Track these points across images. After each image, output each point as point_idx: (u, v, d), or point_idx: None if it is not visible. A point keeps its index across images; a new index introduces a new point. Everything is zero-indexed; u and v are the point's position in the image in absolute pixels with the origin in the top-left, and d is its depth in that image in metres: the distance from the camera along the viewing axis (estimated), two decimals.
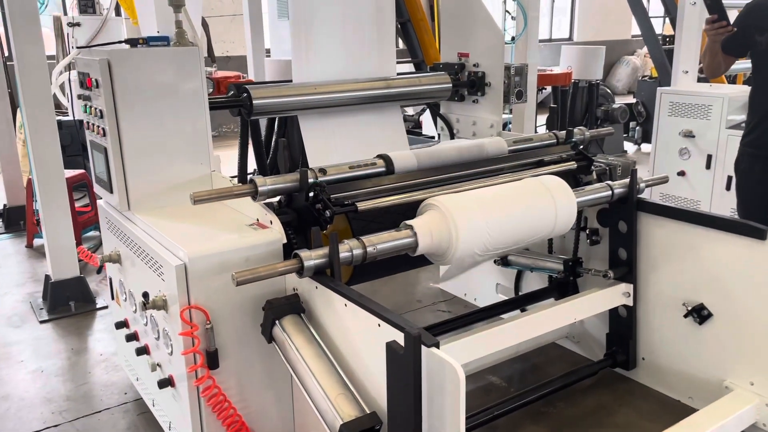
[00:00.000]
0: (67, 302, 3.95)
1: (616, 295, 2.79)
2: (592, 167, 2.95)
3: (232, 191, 2.30)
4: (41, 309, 3.97)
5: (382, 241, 2.14)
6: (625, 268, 2.79)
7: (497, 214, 2.35)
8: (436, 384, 1.64)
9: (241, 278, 1.92)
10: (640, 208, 2.74)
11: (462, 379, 1.56)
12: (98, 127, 2.55)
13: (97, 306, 3.99)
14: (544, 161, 2.89)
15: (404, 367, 1.62)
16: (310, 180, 2.36)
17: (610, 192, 2.68)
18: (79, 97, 2.69)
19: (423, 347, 1.61)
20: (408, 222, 2.27)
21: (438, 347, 1.63)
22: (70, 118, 6.32)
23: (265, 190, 2.27)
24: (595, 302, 2.76)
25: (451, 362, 1.57)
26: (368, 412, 1.82)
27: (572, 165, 2.92)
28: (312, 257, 2.03)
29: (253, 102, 2.89)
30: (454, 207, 2.27)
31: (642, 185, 2.74)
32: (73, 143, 6.10)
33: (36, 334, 3.70)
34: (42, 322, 3.83)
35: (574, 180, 2.98)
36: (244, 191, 2.27)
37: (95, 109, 2.55)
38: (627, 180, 2.72)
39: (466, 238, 2.24)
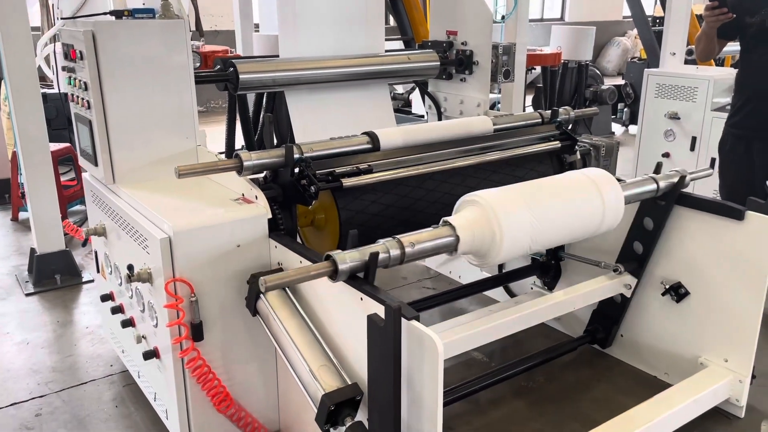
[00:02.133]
0: (53, 275, 3.94)
1: (616, 286, 2.77)
2: (576, 147, 2.98)
3: (218, 165, 2.32)
4: (27, 282, 3.97)
5: (420, 241, 1.98)
6: (635, 263, 2.72)
7: (542, 211, 2.16)
8: (415, 356, 1.68)
9: (271, 284, 1.74)
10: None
11: (441, 351, 1.60)
12: (83, 99, 2.54)
13: (83, 280, 4.00)
14: (528, 140, 2.92)
15: (384, 339, 1.65)
16: (296, 156, 2.37)
17: (655, 186, 2.53)
18: (64, 69, 2.67)
19: (403, 320, 1.64)
20: (447, 219, 2.09)
21: (418, 320, 1.67)
22: (56, 91, 6.26)
23: (251, 165, 2.28)
24: (595, 292, 2.72)
25: (430, 334, 1.61)
26: (350, 383, 1.86)
27: (556, 144, 2.95)
28: (347, 260, 1.82)
29: (240, 77, 2.89)
30: (497, 203, 2.09)
31: (688, 178, 2.57)
32: (59, 116, 6.03)
33: (21, 306, 3.71)
34: (27, 294, 3.84)
35: (559, 159, 3.02)
36: (229, 166, 2.28)
37: (79, 81, 2.53)
38: (673, 174, 2.57)
39: (511, 237, 2.07)
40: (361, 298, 1.81)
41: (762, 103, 3.42)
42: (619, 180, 2.48)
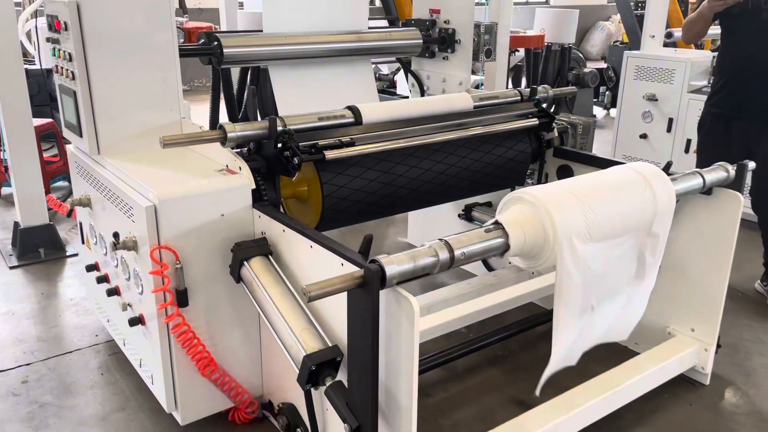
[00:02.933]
0: (37, 249, 3.96)
1: None
2: (554, 124, 3.05)
3: (202, 136, 2.36)
4: (10, 255, 3.99)
5: (469, 243, 1.89)
6: None
7: (595, 209, 2.04)
8: (393, 317, 1.75)
9: (315, 293, 1.66)
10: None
11: (416, 312, 1.68)
12: (67, 70, 2.56)
13: (67, 253, 4.02)
14: (508, 116, 2.99)
15: (363, 301, 1.72)
16: (279, 128, 2.41)
17: (701, 180, 2.46)
18: (48, 40, 2.68)
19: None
20: (495, 219, 1.99)
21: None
22: (37, 66, 6.20)
23: (234, 136, 2.32)
24: None
25: (407, 296, 1.68)
26: (330, 345, 1.93)
27: (535, 121, 3.02)
28: (393, 262, 1.74)
29: (224, 50, 2.91)
30: (547, 198, 1.98)
31: (732, 173, 2.52)
32: (41, 93, 5.99)
33: (5, 279, 3.73)
34: (11, 267, 3.86)
35: (537, 136, 3.09)
36: (213, 137, 2.33)
37: (64, 52, 2.55)
38: (717, 168, 2.51)
39: (564, 234, 1.94)
40: (342, 264, 1.88)
41: (741, 83, 3.48)
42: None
